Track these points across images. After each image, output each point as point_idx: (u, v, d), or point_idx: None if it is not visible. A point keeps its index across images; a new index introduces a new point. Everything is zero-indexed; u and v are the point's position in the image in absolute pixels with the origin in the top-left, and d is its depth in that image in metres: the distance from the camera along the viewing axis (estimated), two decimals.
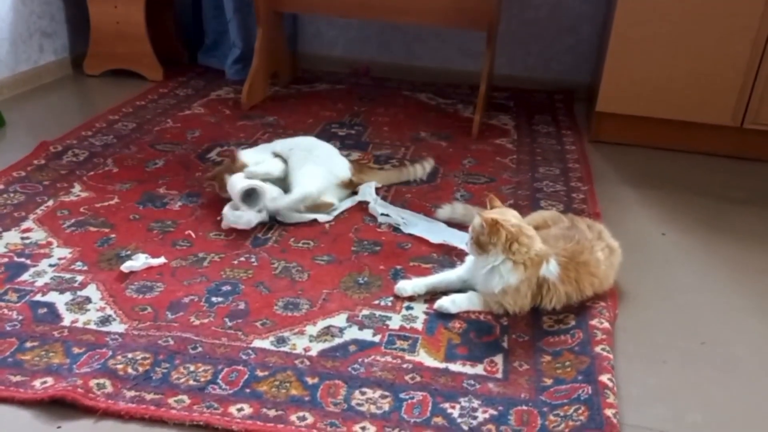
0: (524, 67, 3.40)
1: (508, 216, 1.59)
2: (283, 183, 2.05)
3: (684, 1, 2.44)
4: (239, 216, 1.87)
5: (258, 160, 2.07)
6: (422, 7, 2.85)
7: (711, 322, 1.65)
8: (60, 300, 1.57)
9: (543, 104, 3.19)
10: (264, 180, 1.96)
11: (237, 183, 1.91)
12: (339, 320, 1.55)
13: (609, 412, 1.26)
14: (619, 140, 2.73)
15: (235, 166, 2.02)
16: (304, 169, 2.02)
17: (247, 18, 3.26)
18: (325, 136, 2.65)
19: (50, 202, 2.02)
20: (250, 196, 1.90)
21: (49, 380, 1.32)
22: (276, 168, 2.06)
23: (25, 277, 1.65)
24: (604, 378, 1.35)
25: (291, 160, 2.08)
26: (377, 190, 2.14)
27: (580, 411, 1.27)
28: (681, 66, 2.52)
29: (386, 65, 3.49)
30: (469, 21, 2.82)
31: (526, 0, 3.27)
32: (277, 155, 2.13)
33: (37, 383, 1.31)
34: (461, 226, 1.96)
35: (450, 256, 1.83)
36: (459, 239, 1.88)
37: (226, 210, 1.92)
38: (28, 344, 1.42)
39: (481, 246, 1.54)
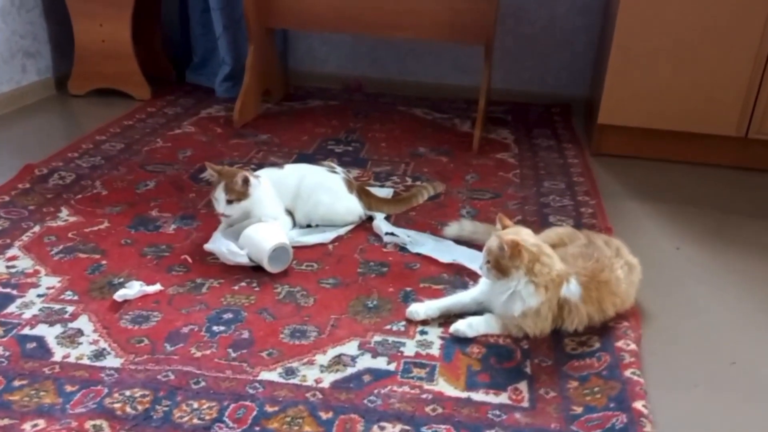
0: (520, 82, 3.35)
1: (524, 235, 1.52)
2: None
3: (685, 12, 2.40)
4: (235, 254, 1.75)
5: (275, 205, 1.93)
6: (419, 22, 2.79)
7: (738, 340, 1.58)
8: (50, 333, 1.47)
9: (541, 118, 3.13)
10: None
11: (263, 241, 1.73)
12: (350, 348, 1.46)
13: None
14: (621, 153, 2.68)
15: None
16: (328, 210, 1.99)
17: (237, 35, 3.18)
18: (322, 153, 2.57)
19: (36, 228, 1.91)
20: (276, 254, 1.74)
21: (41, 423, 1.21)
22: (288, 225, 1.96)
23: (11, 308, 1.55)
24: (639, 405, 1.27)
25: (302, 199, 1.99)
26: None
27: None
28: (683, 76, 2.48)
29: (379, 81, 3.43)
30: (467, 35, 2.77)
31: (521, 14, 3.23)
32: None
33: (27, 426, 1.20)
34: (470, 244, 1.89)
35: (461, 276, 1.75)
36: (469, 258, 1.80)
37: (221, 246, 1.77)
38: (17, 383, 1.31)
39: (501, 270, 1.46)
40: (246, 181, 1.81)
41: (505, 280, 1.48)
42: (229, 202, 1.81)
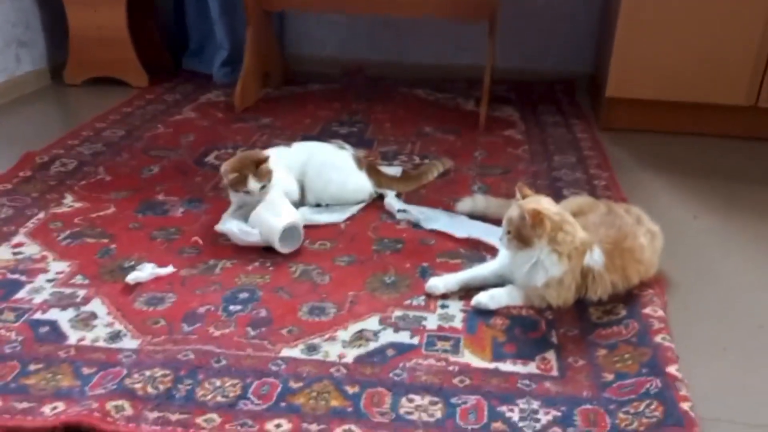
0: (521, 58, 3.30)
1: (545, 204, 1.49)
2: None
3: None
4: (247, 233, 1.70)
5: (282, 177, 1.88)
6: None
7: (763, 304, 1.56)
8: (62, 317, 1.43)
9: (544, 94, 3.10)
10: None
11: (272, 220, 1.69)
12: (371, 323, 1.43)
13: (685, 405, 1.15)
14: (630, 126, 2.64)
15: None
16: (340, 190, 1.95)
17: (234, 19, 3.13)
18: (326, 135, 2.53)
19: (41, 215, 1.87)
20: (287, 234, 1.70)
21: (60, 405, 1.18)
22: (294, 192, 1.92)
23: (21, 294, 1.51)
24: (672, 369, 1.24)
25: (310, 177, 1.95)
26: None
27: (653, 407, 1.16)
28: (692, 46, 2.44)
29: (378, 63, 3.38)
30: (470, 11, 2.73)
31: None
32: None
33: (46, 409, 1.17)
34: (483, 219, 1.86)
35: (478, 250, 1.72)
36: (484, 232, 1.77)
37: (232, 227, 1.73)
38: (32, 367, 1.28)
39: (523, 240, 1.43)
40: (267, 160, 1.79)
41: (527, 251, 1.45)
42: (263, 186, 1.78)
